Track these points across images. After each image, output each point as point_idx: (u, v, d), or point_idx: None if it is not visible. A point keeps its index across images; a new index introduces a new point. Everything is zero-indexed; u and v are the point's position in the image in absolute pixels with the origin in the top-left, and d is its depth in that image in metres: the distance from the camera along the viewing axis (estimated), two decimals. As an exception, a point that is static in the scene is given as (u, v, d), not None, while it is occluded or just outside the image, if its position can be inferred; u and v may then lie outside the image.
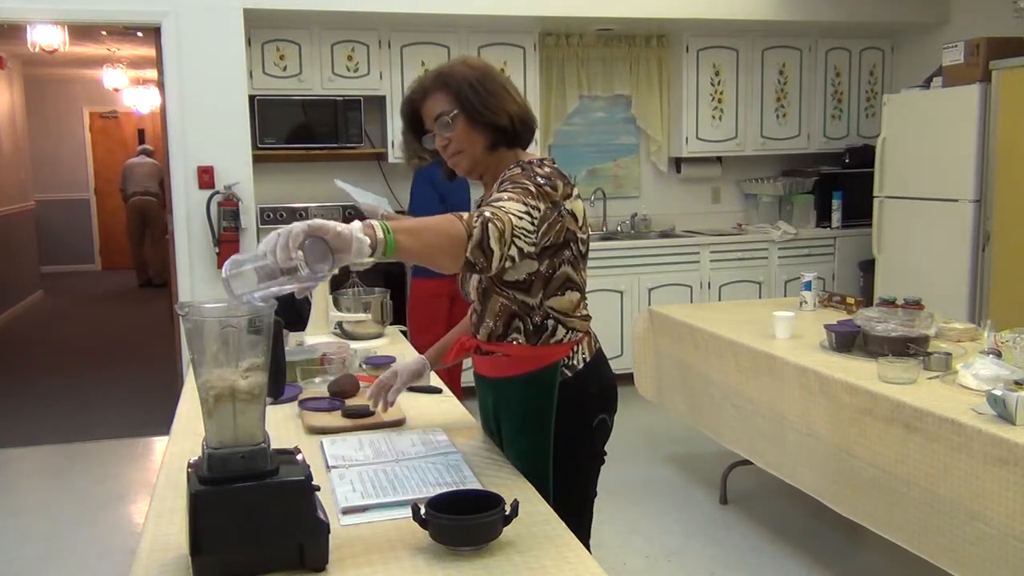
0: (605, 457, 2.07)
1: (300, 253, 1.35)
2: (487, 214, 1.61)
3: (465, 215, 1.59)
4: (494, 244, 1.59)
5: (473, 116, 1.83)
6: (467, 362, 5.62)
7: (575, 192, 1.88)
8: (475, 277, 1.90)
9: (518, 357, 1.92)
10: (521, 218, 1.68)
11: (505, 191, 1.75)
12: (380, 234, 1.45)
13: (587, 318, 1.98)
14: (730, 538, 3.56)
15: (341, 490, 1.70)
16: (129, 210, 10.67)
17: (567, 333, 1.92)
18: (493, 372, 2.00)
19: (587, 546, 1.94)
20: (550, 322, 1.89)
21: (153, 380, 6.07)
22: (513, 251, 1.66)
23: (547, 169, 1.85)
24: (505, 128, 1.85)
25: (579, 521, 1.89)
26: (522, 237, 1.68)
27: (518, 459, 1.93)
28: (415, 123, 1.93)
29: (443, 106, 1.84)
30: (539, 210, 1.74)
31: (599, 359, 1.99)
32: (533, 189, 1.76)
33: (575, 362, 1.93)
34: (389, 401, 2.11)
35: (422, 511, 1.48)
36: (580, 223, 1.87)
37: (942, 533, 2.42)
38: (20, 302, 9.02)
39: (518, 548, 1.49)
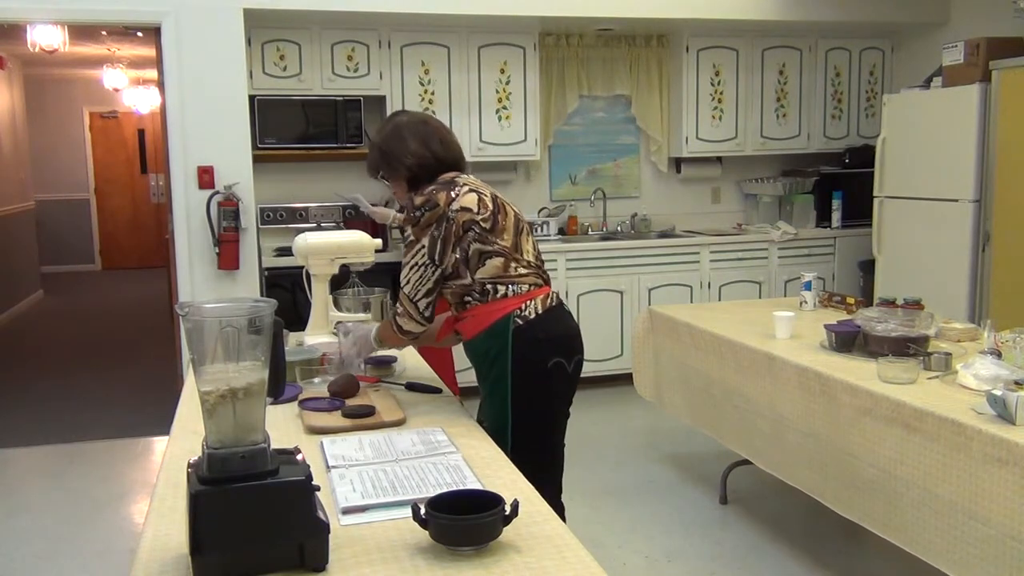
0: (569, 411, 2.48)
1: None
2: (394, 312, 2.43)
3: (392, 317, 2.43)
4: (401, 323, 2.39)
5: (387, 173, 2.52)
6: (461, 363, 5.67)
7: (462, 187, 2.37)
8: None
9: (480, 315, 2.36)
10: (408, 282, 2.36)
11: (407, 255, 2.38)
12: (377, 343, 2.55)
13: (526, 274, 2.38)
14: (730, 538, 3.56)
15: (341, 490, 1.70)
16: None
17: (511, 288, 2.35)
18: (469, 334, 2.42)
19: (559, 503, 2.37)
20: (489, 287, 2.34)
21: (153, 380, 6.08)
22: (423, 303, 2.36)
23: (421, 198, 2.35)
24: (412, 174, 2.46)
25: (542, 466, 2.28)
26: (421, 287, 2.35)
27: (487, 405, 2.40)
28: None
29: (374, 171, 2.60)
30: (425, 247, 2.33)
31: (555, 312, 2.41)
32: (413, 237, 2.35)
33: (527, 312, 2.34)
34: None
35: (422, 511, 1.48)
36: (476, 208, 2.34)
37: (941, 533, 2.42)
38: (20, 302, 9.02)
39: (518, 548, 1.49)
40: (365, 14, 5.07)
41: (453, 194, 2.34)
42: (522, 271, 2.38)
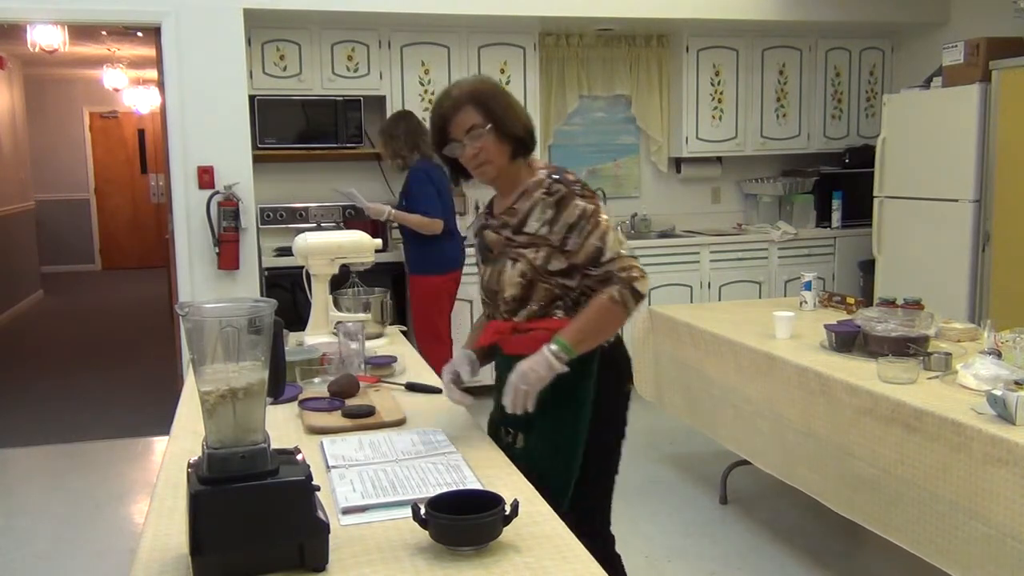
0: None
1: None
2: (627, 276, 2.00)
3: (610, 294, 1.99)
4: (641, 287, 2.01)
5: (501, 129, 2.05)
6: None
7: None
8: (516, 270, 2.06)
9: (559, 330, 2.02)
10: (618, 242, 2.04)
11: (587, 230, 2.02)
12: (558, 350, 1.97)
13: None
14: (730, 538, 3.56)
15: (341, 490, 1.70)
16: None
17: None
18: (531, 348, 2.01)
19: (608, 518, 2.21)
20: (582, 298, 2.07)
21: (153, 380, 6.08)
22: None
23: (573, 175, 2.11)
24: (523, 139, 2.09)
25: (607, 489, 2.18)
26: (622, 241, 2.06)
27: (551, 433, 2.08)
28: (440, 133, 2.11)
29: (475, 119, 2.04)
30: (603, 209, 2.08)
31: (621, 333, 2.19)
32: (590, 205, 2.04)
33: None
34: (464, 381, 2.16)
35: (422, 511, 1.48)
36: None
37: (941, 533, 2.42)
38: (20, 302, 9.02)
39: (518, 548, 1.49)
40: (365, 14, 5.07)
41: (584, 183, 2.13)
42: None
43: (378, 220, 4.97)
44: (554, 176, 2.07)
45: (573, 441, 2.07)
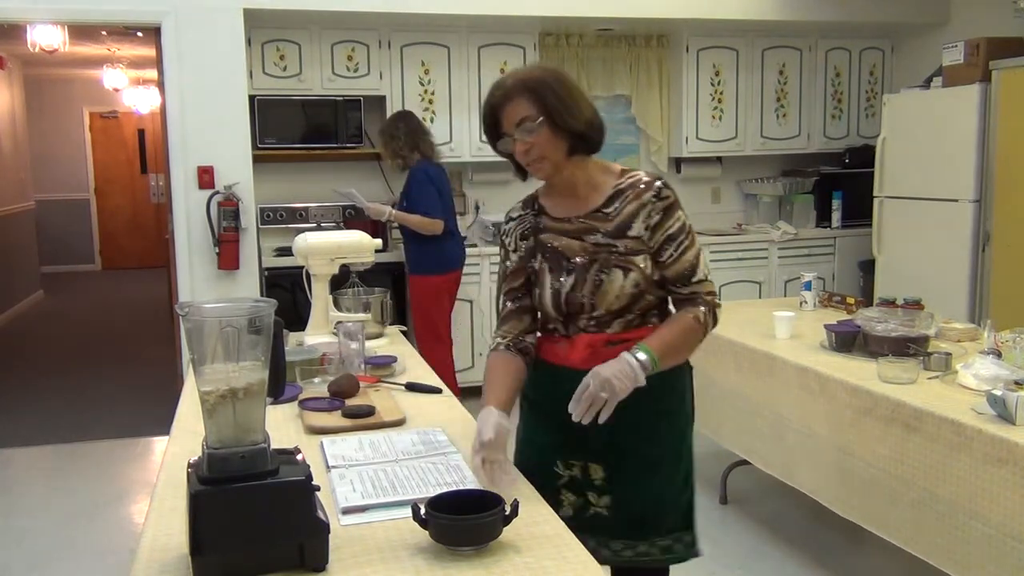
0: None
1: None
2: (711, 300, 1.92)
3: (696, 315, 1.89)
4: (719, 313, 1.95)
5: (556, 122, 1.84)
6: (461, 363, 5.58)
7: None
8: (630, 280, 1.88)
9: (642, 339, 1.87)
10: (706, 264, 1.95)
11: (685, 245, 1.90)
12: (647, 361, 1.79)
13: None
14: (730, 538, 3.55)
15: (341, 490, 1.70)
16: None
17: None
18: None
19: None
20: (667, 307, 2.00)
21: (153, 380, 6.07)
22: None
23: (671, 190, 1.93)
24: (583, 134, 1.87)
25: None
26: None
27: (655, 464, 1.94)
28: (493, 127, 1.92)
29: (526, 111, 1.84)
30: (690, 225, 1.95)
31: None
32: (682, 216, 1.92)
33: None
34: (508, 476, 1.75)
35: (422, 511, 1.48)
36: None
37: (941, 533, 2.42)
38: (20, 302, 9.02)
39: (518, 548, 1.49)
40: (365, 14, 5.06)
41: None
42: None
43: (378, 220, 4.97)
44: (661, 180, 1.92)
45: (685, 457, 1.99)
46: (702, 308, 1.90)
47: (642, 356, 1.78)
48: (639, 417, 1.88)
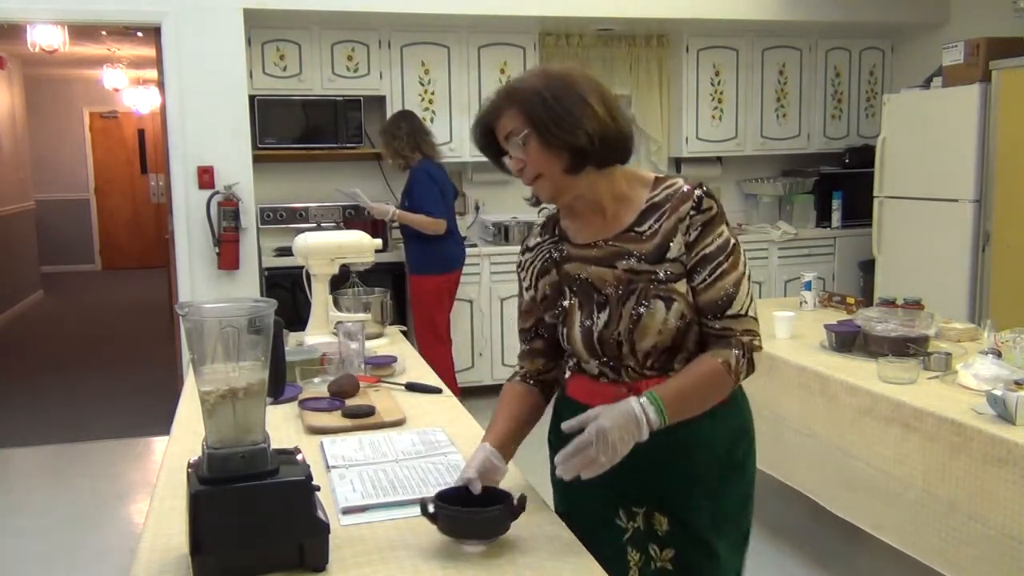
0: None
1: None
2: (749, 343, 1.62)
3: (726, 359, 1.59)
4: (758, 359, 1.65)
5: (545, 136, 1.56)
6: (461, 363, 5.57)
7: None
8: (674, 312, 1.59)
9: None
10: (750, 297, 1.64)
11: (723, 270, 1.60)
12: (656, 421, 1.52)
13: None
14: (730, 538, 3.55)
15: (341, 490, 1.70)
16: None
17: None
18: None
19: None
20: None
21: (153, 380, 6.07)
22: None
23: (714, 200, 1.63)
24: (584, 149, 1.57)
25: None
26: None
27: (721, 508, 1.74)
28: (490, 144, 1.67)
29: (512, 124, 1.59)
30: (739, 245, 1.65)
31: None
32: (728, 236, 1.62)
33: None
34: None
35: (430, 507, 1.48)
36: None
37: (940, 534, 2.42)
38: (20, 302, 9.02)
39: (520, 549, 1.49)
40: (365, 14, 5.06)
41: None
42: None
43: (378, 220, 4.97)
44: (703, 188, 1.62)
45: (745, 508, 1.82)
46: (735, 352, 1.59)
47: (652, 411, 1.51)
48: (707, 468, 1.68)
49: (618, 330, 1.61)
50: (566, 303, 1.68)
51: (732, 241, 1.62)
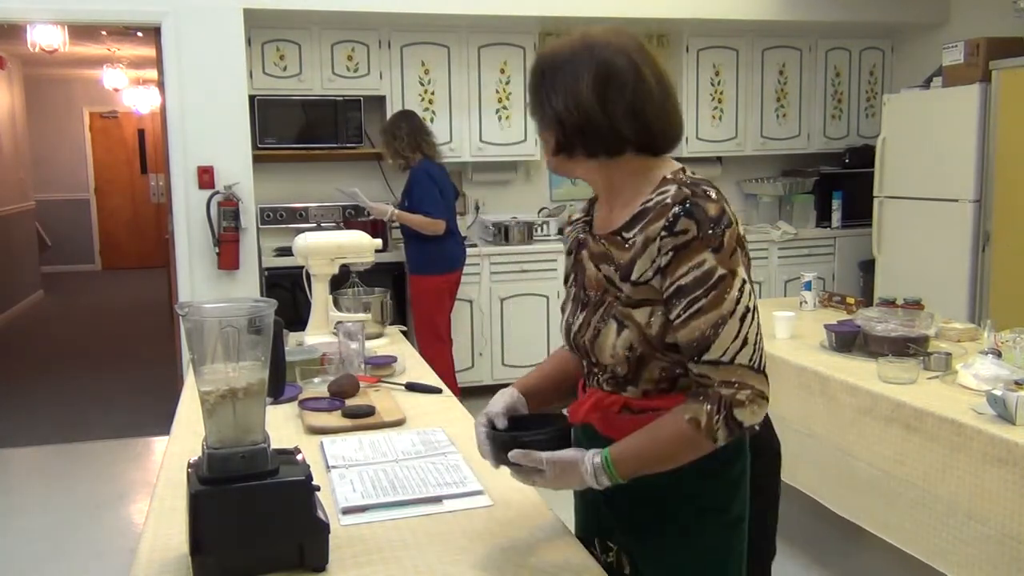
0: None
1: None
2: (729, 396, 1.33)
3: (694, 416, 1.34)
4: (745, 417, 1.34)
5: (531, 108, 1.47)
6: (461, 363, 5.56)
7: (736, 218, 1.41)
8: (622, 340, 1.42)
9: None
10: (745, 343, 1.36)
11: (702, 306, 1.35)
12: (607, 483, 1.38)
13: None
14: (730, 538, 3.55)
15: (341, 490, 1.71)
16: None
17: None
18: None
19: None
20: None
21: (153, 380, 6.07)
22: (764, 359, 1.37)
23: (715, 207, 1.36)
24: (565, 129, 1.42)
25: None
26: (760, 344, 1.38)
27: (692, 564, 1.48)
28: None
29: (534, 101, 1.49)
30: (747, 281, 1.40)
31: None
32: (724, 269, 1.36)
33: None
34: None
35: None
36: (749, 259, 1.45)
37: (940, 533, 2.42)
38: (20, 302, 9.02)
39: (520, 550, 1.49)
40: (365, 14, 5.06)
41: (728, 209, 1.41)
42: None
43: (379, 220, 4.97)
44: (687, 203, 1.36)
45: (733, 559, 1.51)
46: (707, 407, 1.34)
47: (602, 476, 1.38)
48: (675, 512, 1.47)
49: (585, 337, 1.49)
50: (567, 290, 1.60)
51: (719, 273, 1.34)
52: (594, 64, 1.40)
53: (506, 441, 1.45)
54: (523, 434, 1.46)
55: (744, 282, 1.38)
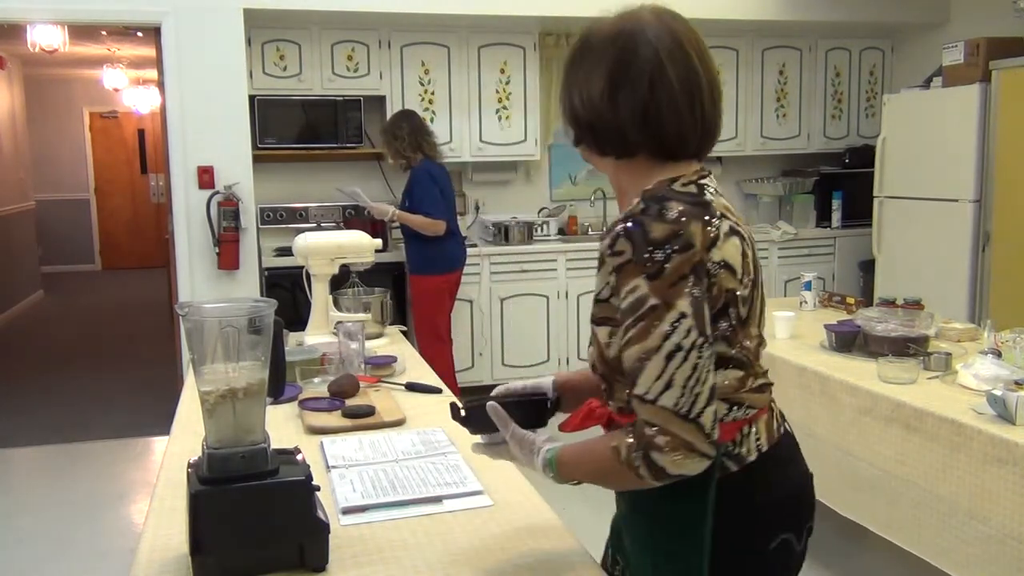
0: None
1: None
2: (647, 437, 1.21)
3: (617, 447, 1.25)
4: (666, 464, 1.21)
5: (562, 103, 1.40)
6: (461, 363, 5.56)
7: (723, 226, 1.31)
8: (590, 352, 1.38)
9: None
10: (669, 386, 1.20)
11: (631, 335, 1.23)
12: (550, 476, 1.36)
13: (763, 388, 1.37)
14: (730, 538, 3.55)
15: (341, 490, 1.70)
16: None
17: (732, 410, 1.32)
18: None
19: None
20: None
21: (153, 380, 6.07)
22: (708, 412, 1.21)
23: (662, 227, 1.23)
24: (580, 124, 1.36)
25: None
26: (699, 386, 1.21)
27: None
28: None
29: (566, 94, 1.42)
30: (688, 316, 1.21)
31: (784, 448, 1.40)
32: (656, 299, 1.21)
33: (745, 450, 1.33)
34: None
35: (462, 410, 1.47)
36: (739, 270, 1.32)
37: (941, 533, 2.42)
38: (20, 302, 9.02)
39: (520, 551, 1.49)
40: (365, 14, 5.07)
41: (712, 231, 1.29)
42: (759, 382, 1.37)
43: (378, 220, 4.97)
44: (629, 221, 1.25)
45: None
46: (628, 441, 1.24)
47: (548, 462, 1.35)
48: (638, 518, 1.41)
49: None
50: None
51: (650, 303, 1.21)
52: (613, 59, 1.31)
53: (482, 407, 1.45)
54: (496, 398, 1.46)
55: (681, 317, 1.20)
